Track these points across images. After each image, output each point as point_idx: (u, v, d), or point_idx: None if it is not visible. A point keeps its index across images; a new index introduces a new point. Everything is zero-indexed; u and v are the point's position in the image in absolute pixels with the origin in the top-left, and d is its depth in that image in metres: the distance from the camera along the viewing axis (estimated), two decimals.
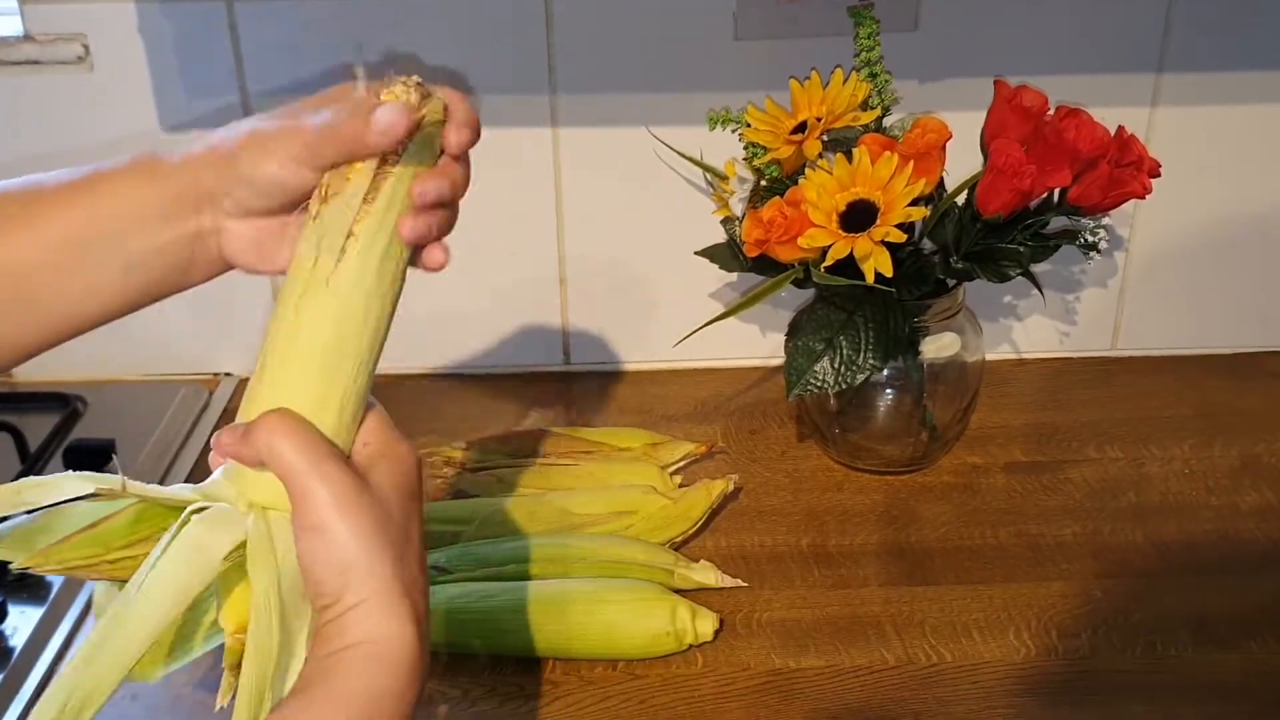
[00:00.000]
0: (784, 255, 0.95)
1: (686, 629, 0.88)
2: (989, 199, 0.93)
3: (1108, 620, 0.92)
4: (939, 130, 0.94)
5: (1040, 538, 1.01)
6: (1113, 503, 1.05)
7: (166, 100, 1.12)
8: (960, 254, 0.98)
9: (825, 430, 1.09)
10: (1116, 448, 1.12)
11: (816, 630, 0.92)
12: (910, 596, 0.95)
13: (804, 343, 0.96)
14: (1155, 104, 1.15)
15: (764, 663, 0.89)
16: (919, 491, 1.07)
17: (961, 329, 1.04)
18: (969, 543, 1.00)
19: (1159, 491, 1.06)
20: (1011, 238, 0.97)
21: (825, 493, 1.06)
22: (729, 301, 1.19)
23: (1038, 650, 0.90)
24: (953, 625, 0.92)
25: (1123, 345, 1.26)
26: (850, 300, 0.97)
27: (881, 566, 0.98)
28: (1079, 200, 0.95)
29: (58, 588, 0.95)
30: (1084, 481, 1.07)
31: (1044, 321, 1.25)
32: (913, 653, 0.90)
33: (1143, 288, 1.23)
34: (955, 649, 0.90)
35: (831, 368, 0.95)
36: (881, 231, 0.91)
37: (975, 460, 1.10)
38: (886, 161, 0.93)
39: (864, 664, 0.89)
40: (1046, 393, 1.21)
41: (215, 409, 1.19)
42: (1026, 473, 1.09)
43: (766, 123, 0.98)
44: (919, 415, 1.06)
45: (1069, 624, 0.92)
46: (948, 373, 1.05)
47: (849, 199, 0.93)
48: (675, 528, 0.98)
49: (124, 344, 1.22)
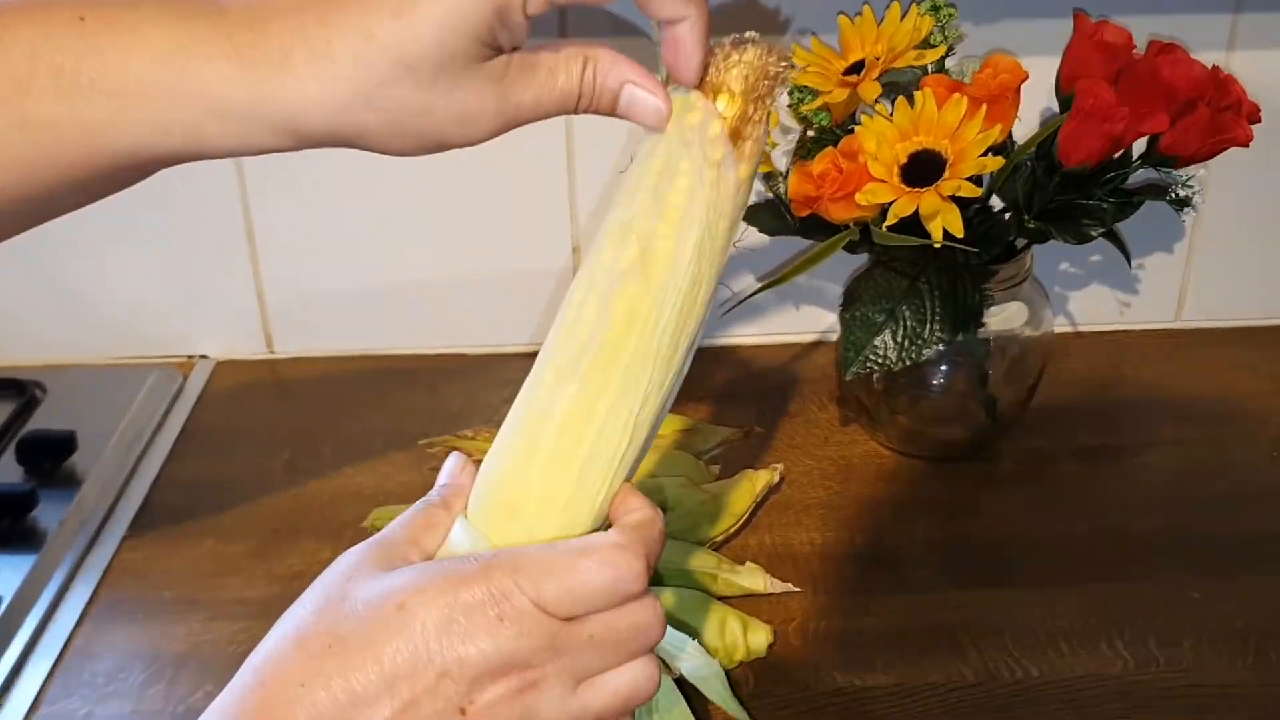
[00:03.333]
0: (838, 214, 0.83)
1: (737, 643, 0.77)
2: (1073, 147, 0.82)
3: (1210, 626, 0.81)
4: (1013, 70, 0.83)
5: (1123, 532, 0.89)
6: (1198, 491, 0.93)
7: None
8: (1033, 212, 0.86)
9: (873, 412, 0.98)
10: (1193, 428, 1.01)
11: (882, 642, 0.80)
12: (984, 602, 0.83)
13: (862, 313, 0.84)
14: (1232, 48, 1.03)
15: (825, 681, 0.77)
16: (981, 480, 0.95)
17: (1029, 299, 0.93)
18: (1043, 539, 0.89)
19: (1247, 478, 0.95)
20: (1092, 193, 0.86)
21: (877, 483, 0.95)
22: (759, 270, 1.07)
23: (1136, 662, 0.79)
24: (1035, 634, 0.81)
25: (1188, 316, 1.15)
26: (912, 265, 0.85)
27: (948, 567, 0.86)
28: (1173, 149, 0.83)
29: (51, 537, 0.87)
30: (1163, 467, 0.96)
31: (1102, 290, 1.14)
32: (994, 667, 0.78)
33: (1211, 252, 1.12)
34: (1042, 662, 0.79)
35: (894, 341, 0.84)
36: (952, 185, 0.79)
37: (1040, 444, 0.99)
38: (955, 105, 0.81)
39: (939, 681, 0.78)
40: (1108, 368, 1.10)
41: (190, 396, 1.07)
42: (1098, 458, 0.97)
43: (815, 64, 0.86)
44: (979, 396, 0.94)
45: (1167, 631, 0.81)
46: (1012, 348, 0.94)
47: (911, 149, 0.82)
48: (717, 525, 0.86)
49: (87, 323, 1.10)
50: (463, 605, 0.47)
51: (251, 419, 1.05)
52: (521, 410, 0.52)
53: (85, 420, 1.00)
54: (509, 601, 0.47)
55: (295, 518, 0.92)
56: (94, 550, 0.89)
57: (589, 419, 0.51)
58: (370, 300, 1.11)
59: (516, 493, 0.52)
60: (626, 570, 0.49)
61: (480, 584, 0.47)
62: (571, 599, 0.48)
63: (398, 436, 1.01)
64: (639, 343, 0.51)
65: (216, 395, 1.08)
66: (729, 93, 0.51)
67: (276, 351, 1.13)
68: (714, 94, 0.51)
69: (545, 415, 0.51)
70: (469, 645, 0.46)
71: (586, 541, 0.49)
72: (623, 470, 0.52)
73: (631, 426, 0.51)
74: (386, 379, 1.09)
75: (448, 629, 0.46)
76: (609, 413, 0.51)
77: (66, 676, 0.79)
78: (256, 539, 0.90)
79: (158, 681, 0.78)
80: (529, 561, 0.48)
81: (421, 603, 0.46)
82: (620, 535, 0.50)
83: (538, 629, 0.47)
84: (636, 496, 0.53)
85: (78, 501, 0.92)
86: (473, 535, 0.52)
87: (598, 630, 0.49)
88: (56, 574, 0.86)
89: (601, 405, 0.51)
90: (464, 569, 0.48)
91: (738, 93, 0.51)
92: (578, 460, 0.51)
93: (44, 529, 0.90)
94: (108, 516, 0.92)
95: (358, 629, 0.46)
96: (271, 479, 0.97)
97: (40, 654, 0.80)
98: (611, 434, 0.51)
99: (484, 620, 0.47)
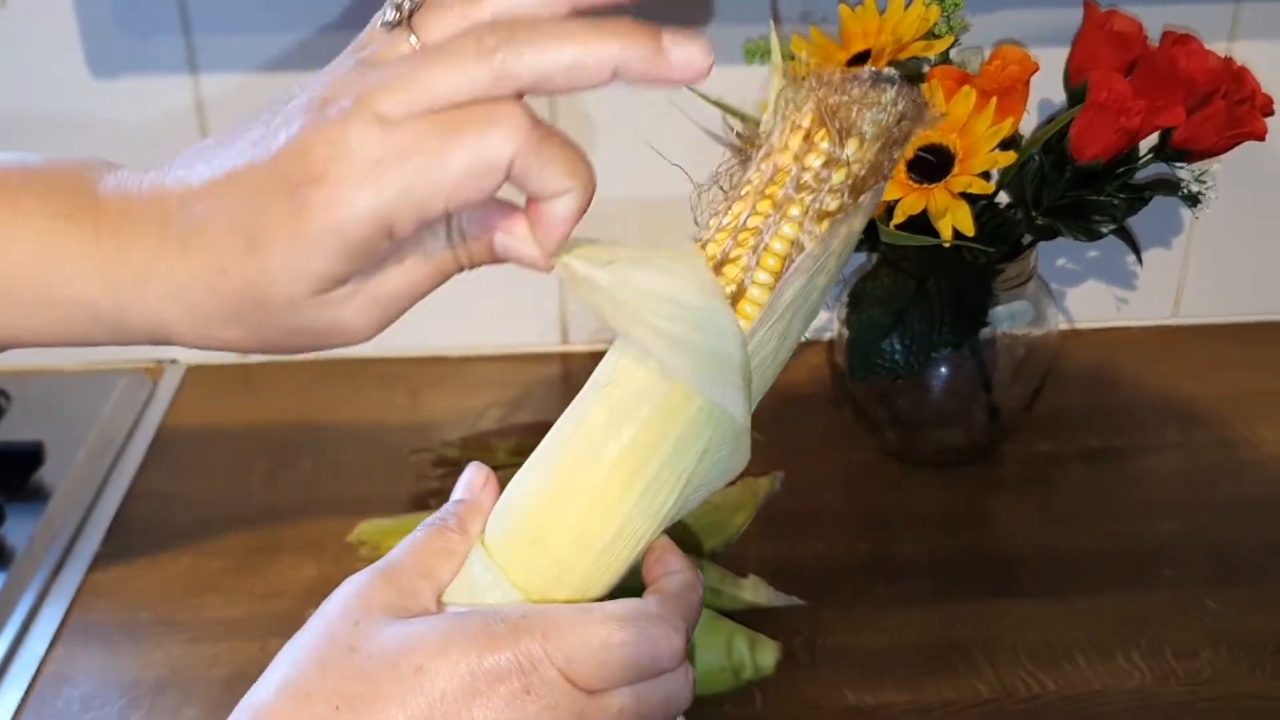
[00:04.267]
0: None
1: (744, 662, 0.73)
2: (1086, 141, 0.79)
3: (1229, 637, 0.79)
4: (1023, 62, 0.80)
5: (1134, 539, 0.87)
6: (1211, 496, 0.91)
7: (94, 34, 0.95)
8: (1042, 209, 0.83)
9: (872, 416, 0.95)
10: (1200, 430, 0.98)
11: (893, 658, 0.77)
12: (996, 614, 0.80)
13: (869, 316, 0.81)
14: (1233, 38, 1.01)
15: (836, 700, 0.74)
16: (985, 486, 0.92)
17: (1034, 298, 0.90)
18: (1055, 547, 0.86)
19: (1260, 481, 0.92)
20: (1102, 189, 0.83)
21: (879, 489, 0.92)
22: None
23: (1154, 675, 0.76)
24: (1051, 648, 0.78)
25: (1185, 312, 1.13)
26: (920, 265, 0.82)
27: (956, 577, 0.84)
28: (1188, 143, 0.81)
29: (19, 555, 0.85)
30: (1173, 471, 0.94)
31: (1099, 287, 1.11)
32: (1009, 682, 0.76)
33: (1210, 248, 1.10)
34: (1058, 676, 0.76)
35: (901, 345, 0.81)
36: (962, 181, 0.77)
37: (1045, 448, 0.96)
38: (964, 98, 0.78)
39: (953, 698, 0.75)
40: (1108, 367, 1.07)
41: (161, 403, 1.02)
42: (1106, 461, 0.95)
43: (816, 55, 0.83)
44: (982, 399, 0.91)
45: (1185, 642, 0.78)
46: (1017, 348, 0.91)
47: (918, 143, 0.78)
48: (716, 536, 0.83)
49: None
50: (487, 673, 0.43)
51: (225, 427, 1.01)
52: (565, 443, 0.48)
53: (52, 430, 0.96)
54: (537, 673, 0.44)
55: (276, 531, 0.88)
56: (65, 569, 0.85)
57: (641, 469, 0.47)
58: None
59: (548, 531, 0.48)
60: (666, 647, 0.45)
61: (507, 649, 0.43)
62: (603, 673, 0.44)
63: (378, 444, 0.97)
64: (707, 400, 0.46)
65: (188, 403, 1.03)
66: (860, 137, 0.45)
67: (250, 356, 1.08)
68: (843, 137, 0.45)
69: (594, 455, 0.47)
70: (491, 717, 0.43)
71: (624, 610, 0.46)
72: (664, 524, 0.49)
73: (684, 482, 0.48)
74: (364, 384, 1.05)
75: (469, 699, 0.43)
76: (663, 466, 0.47)
77: (40, 705, 0.75)
78: (236, 555, 0.86)
79: (137, 708, 0.74)
80: (561, 628, 0.44)
81: (443, 668, 0.43)
82: (660, 605, 0.46)
83: (565, 703, 0.44)
84: (676, 555, 0.50)
85: (47, 517, 0.88)
86: (492, 571, 0.48)
87: (628, 704, 0.45)
88: (26, 595, 0.82)
89: (656, 458, 0.47)
90: (490, 630, 0.44)
91: (871, 139, 0.45)
92: (622, 511, 0.47)
93: (11, 546, 0.86)
94: (78, 532, 0.88)
95: (369, 690, 0.43)
96: (249, 490, 0.93)
97: (10, 681, 0.76)
98: (662, 487, 0.47)
99: (509, 691, 0.43)
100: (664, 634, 0.45)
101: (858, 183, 0.45)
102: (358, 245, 0.42)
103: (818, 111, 0.46)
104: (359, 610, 0.45)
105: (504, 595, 0.48)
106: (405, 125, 0.41)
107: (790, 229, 0.46)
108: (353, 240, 0.42)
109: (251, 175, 0.43)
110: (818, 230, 0.46)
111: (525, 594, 0.48)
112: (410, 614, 0.46)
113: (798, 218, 0.46)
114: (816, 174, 0.46)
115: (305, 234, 0.42)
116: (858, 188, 0.46)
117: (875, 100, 0.45)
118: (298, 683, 0.44)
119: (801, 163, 0.46)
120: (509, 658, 0.43)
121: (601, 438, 0.47)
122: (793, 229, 0.46)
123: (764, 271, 0.46)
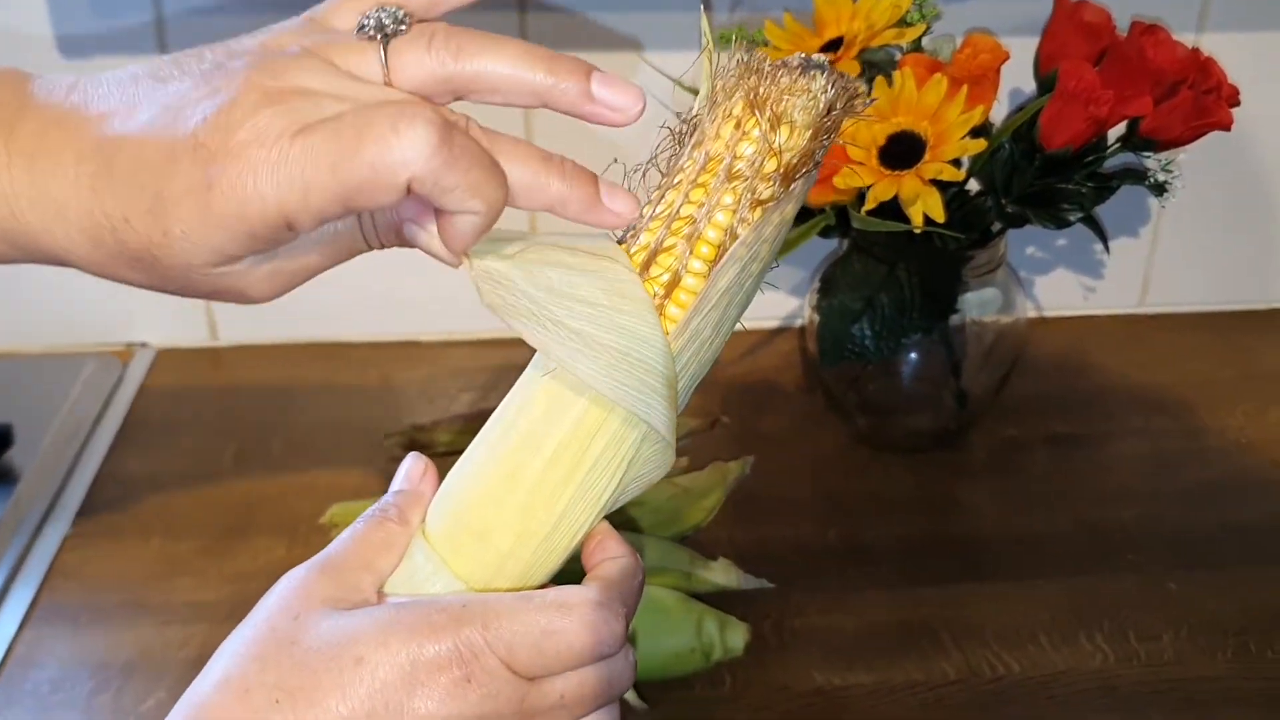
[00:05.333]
0: (814, 198, 0.80)
1: (714, 643, 0.74)
2: (1055, 130, 0.80)
3: (1190, 619, 0.80)
4: (993, 50, 0.80)
5: (1098, 523, 0.88)
6: (1173, 481, 0.92)
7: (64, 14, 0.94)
8: (1012, 196, 0.84)
9: (842, 401, 0.96)
10: (1164, 417, 0.99)
11: (861, 640, 0.78)
12: (963, 597, 0.81)
13: (840, 302, 0.82)
14: (1201, 29, 1.02)
15: (805, 680, 0.75)
16: (953, 471, 0.93)
17: (1003, 285, 0.91)
18: (1021, 531, 0.87)
19: (1222, 467, 0.94)
20: (1070, 177, 0.84)
21: (848, 474, 0.93)
22: None
23: (1116, 656, 0.77)
24: (1016, 630, 0.79)
25: (1151, 301, 1.14)
26: (891, 251, 0.82)
27: (924, 561, 0.84)
28: (1155, 132, 0.81)
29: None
30: (1136, 456, 0.95)
31: (1067, 276, 1.12)
32: (975, 664, 0.76)
33: (1176, 237, 1.11)
34: (1023, 658, 0.77)
35: (872, 330, 0.81)
36: (933, 168, 0.77)
37: (1011, 433, 0.97)
38: (935, 86, 0.78)
39: (920, 679, 0.75)
40: (1075, 354, 1.08)
41: (130, 386, 1.02)
42: (1071, 447, 0.96)
43: (789, 41, 0.83)
44: (951, 385, 0.92)
45: (1147, 624, 0.79)
46: (986, 335, 0.92)
47: (890, 130, 0.79)
48: (687, 520, 0.83)
49: (19, 310, 1.05)
50: (427, 662, 0.43)
51: (196, 410, 1.01)
52: (503, 432, 0.48)
53: (21, 412, 0.95)
54: (478, 661, 0.43)
55: (246, 514, 0.88)
56: (33, 551, 0.84)
57: (581, 458, 0.47)
58: (319, 286, 1.06)
59: (489, 521, 0.47)
60: (607, 634, 0.45)
61: (448, 639, 0.43)
62: (543, 661, 0.44)
63: (350, 428, 0.97)
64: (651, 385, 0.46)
65: (158, 386, 1.03)
66: (790, 125, 0.45)
67: (221, 339, 1.08)
68: (774, 125, 0.45)
69: (534, 445, 0.47)
70: (431, 707, 0.43)
71: (564, 597, 0.45)
72: (605, 510, 0.48)
73: (626, 465, 0.47)
74: (337, 368, 1.05)
75: (409, 689, 0.42)
76: (602, 453, 0.47)
77: (9, 687, 0.74)
78: (206, 537, 0.86)
79: (105, 690, 0.74)
80: (501, 616, 0.44)
81: (383, 658, 0.43)
82: (600, 592, 0.46)
83: (507, 691, 0.44)
84: (616, 541, 0.49)
85: (15, 499, 0.87)
86: (433, 561, 0.48)
87: (569, 690, 0.45)
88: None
89: (599, 442, 0.46)
90: (431, 620, 0.44)
91: (801, 126, 0.45)
92: (563, 499, 0.47)
93: None
94: (47, 514, 0.87)
95: (310, 683, 0.42)
96: (219, 473, 0.93)
97: None
98: (602, 476, 0.47)
99: (449, 680, 0.43)
100: (604, 620, 0.45)
101: (790, 170, 0.46)
102: (259, 232, 0.42)
103: (748, 100, 0.46)
104: (299, 604, 0.45)
105: (446, 585, 0.48)
106: (326, 125, 0.41)
107: (724, 217, 0.46)
108: (255, 227, 0.42)
109: (171, 135, 0.42)
110: (751, 218, 0.46)
111: (467, 583, 0.48)
112: (351, 606, 0.45)
113: (731, 205, 0.46)
114: (749, 162, 0.46)
115: (209, 212, 0.41)
116: (790, 175, 0.46)
117: (805, 88, 0.45)
118: (238, 678, 0.43)
119: (734, 151, 0.46)
120: (450, 647, 0.43)
121: (542, 427, 0.47)
122: (726, 217, 0.46)
123: (698, 260, 0.46)
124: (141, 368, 1.04)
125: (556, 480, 0.47)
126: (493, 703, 0.44)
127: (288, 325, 1.07)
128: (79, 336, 1.06)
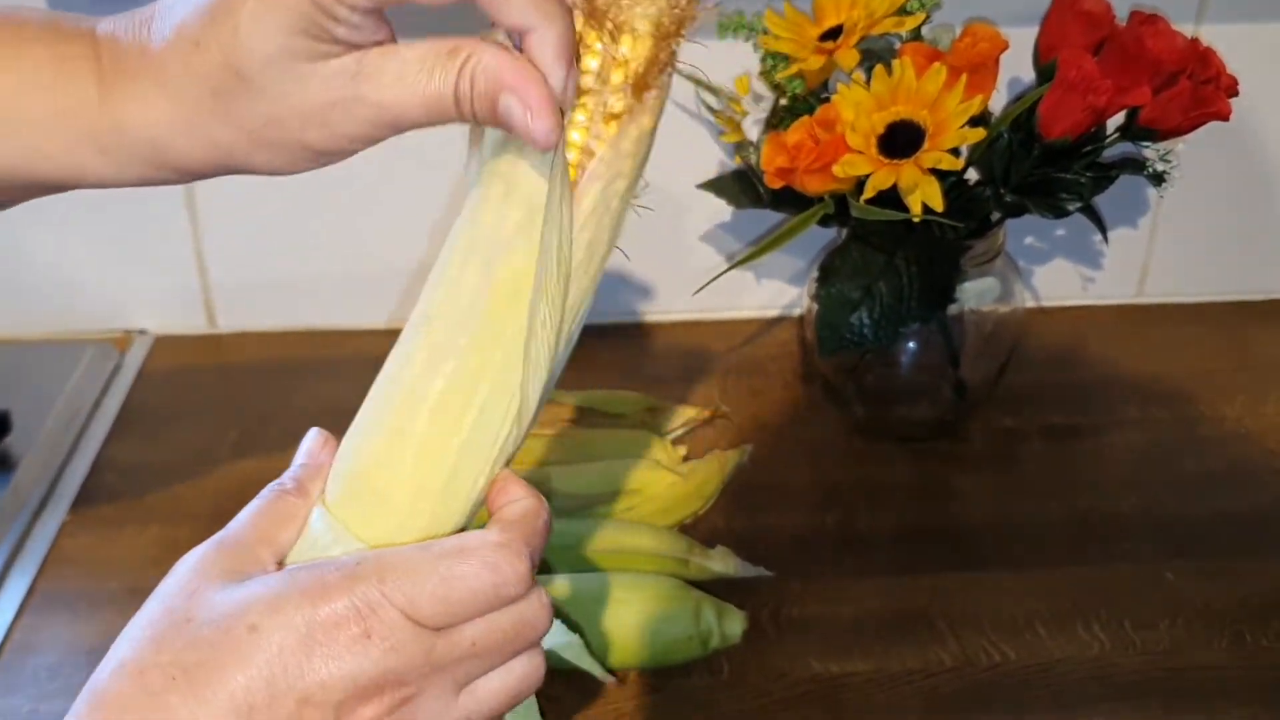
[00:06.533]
0: (812, 186, 0.81)
1: (712, 631, 0.74)
2: (1054, 119, 0.80)
3: (1186, 608, 0.80)
4: (993, 39, 0.81)
5: (1095, 513, 0.88)
6: (1169, 471, 0.92)
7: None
8: (1010, 186, 0.84)
9: (841, 390, 0.96)
10: (1160, 407, 0.99)
11: (858, 627, 0.78)
12: (959, 585, 0.82)
13: (839, 290, 0.82)
14: (1200, 20, 1.02)
15: (802, 668, 0.75)
16: (951, 461, 0.93)
17: (1002, 274, 0.91)
18: (1017, 520, 0.87)
19: (1219, 457, 0.94)
20: (1069, 167, 0.84)
21: (846, 463, 0.93)
22: (722, 245, 1.05)
23: (1113, 645, 0.77)
24: (1013, 618, 0.79)
25: (1149, 292, 1.14)
26: (890, 239, 0.83)
27: (922, 550, 0.85)
28: (1154, 122, 0.81)
29: None
30: (1132, 446, 0.95)
31: (1066, 266, 1.12)
32: (971, 652, 0.77)
33: (1175, 228, 1.11)
34: (1019, 646, 0.77)
35: (870, 319, 0.81)
36: (932, 157, 0.77)
37: (1008, 423, 0.97)
38: (934, 75, 0.78)
39: (917, 667, 0.76)
40: (1072, 345, 1.08)
41: (128, 373, 1.02)
42: (1068, 437, 0.96)
43: (789, 30, 0.83)
44: (949, 374, 0.92)
45: (1144, 613, 0.80)
46: (984, 324, 0.92)
47: (888, 119, 0.79)
48: (685, 508, 0.84)
49: (17, 297, 1.05)
50: (322, 622, 0.42)
51: (193, 398, 1.01)
52: (389, 386, 0.47)
53: (18, 399, 0.95)
54: (376, 615, 0.42)
55: (244, 500, 0.85)
56: (31, 538, 0.85)
57: (468, 402, 0.45)
58: (317, 274, 1.07)
59: (384, 480, 0.46)
60: (510, 573, 0.44)
61: (342, 596, 0.42)
62: (447, 608, 0.43)
63: (348, 414, 0.96)
64: (526, 317, 0.45)
65: (156, 373, 1.03)
66: (633, 34, 0.44)
67: (219, 327, 1.08)
68: (615, 36, 0.44)
69: (418, 395, 0.46)
70: (332, 667, 0.41)
71: (462, 542, 0.44)
72: (504, 455, 0.47)
73: (515, 409, 0.46)
74: (334, 356, 1.05)
75: (308, 650, 0.41)
76: (490, 394, 0.46)
77: (7, 673, 0.75)
78: (204, 524, 0.84)
79: None
80: (397, 568, 0.43)
81: (277, 622, 0.41)
82: (500, 533, 0.45)
83: (411, 643, 0.42)
84: (518, 484, 0.48)
85: (13, 486, 0.88)
86: (334, 528, 0.46)
87: (479, 636, 0.44)
88: None
89: (483, 387, 0.45)
90: (323, 579, 0.42)
91: (644, 34, 0.44)
92: (454, 446, 0.46)
93: None
94: (45, 501, 0.88)
95: (205, 656, 0.41)
96: (217, 460, 0.93)
97: None
98: (493, 418, 0.46)
99: (348, 637, 0.42)
100: (506, 559, 0.44)
101: (639, 80, 0.45)
102: None
103: (586, 13, 0.45)
104: (194, 581, 0.44)
105: (346, 550, 0.46)
106: None
107: (577, 135, 0.45)
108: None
109: None
110: (606, 133, 0.45)
111: (370, 546, 0.46)
112: (248, 578, 0.44)
113: (583, 123, 0.45)
114: (596, 75, 0.45)
115: None
116: (640, 85, 0.45)
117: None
118: (133, 660, 0.42)
119: (580, 67, 0.45)
120: (345, 604, 0.42)
121: (425, 377, 0.46)
122: (580, 135, 0.45)
123: (555, 182, 0.45)
124: (140, 354, 1.04)
125: (445, 427, 0.46)
126: (396, 656, 0.42)
127: (285, 312, 1.07)
128: (77, 323, 1.06)
